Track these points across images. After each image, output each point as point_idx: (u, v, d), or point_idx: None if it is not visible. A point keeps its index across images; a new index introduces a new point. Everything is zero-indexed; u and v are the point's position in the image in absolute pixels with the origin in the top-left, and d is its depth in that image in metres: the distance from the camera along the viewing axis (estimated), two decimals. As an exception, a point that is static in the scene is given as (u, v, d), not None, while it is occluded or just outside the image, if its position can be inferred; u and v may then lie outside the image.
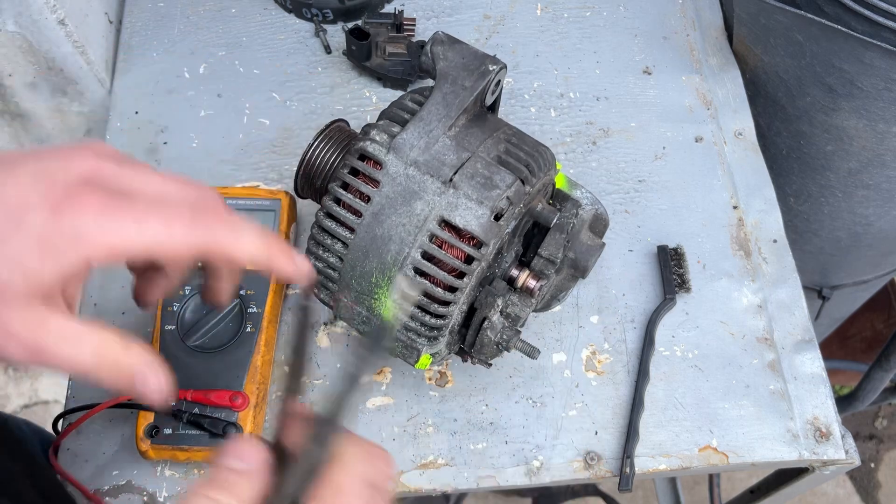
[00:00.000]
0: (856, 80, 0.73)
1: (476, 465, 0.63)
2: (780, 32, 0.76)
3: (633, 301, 0.70)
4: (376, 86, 0.81)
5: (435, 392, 0.66)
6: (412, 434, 0.64)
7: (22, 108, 0.82)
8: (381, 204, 0.51)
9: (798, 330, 0.69)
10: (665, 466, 0.63)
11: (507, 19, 0.87)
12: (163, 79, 0.81)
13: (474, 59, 0.55)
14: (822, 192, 0.90)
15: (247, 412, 0.59)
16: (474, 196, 0.50)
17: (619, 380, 0.67)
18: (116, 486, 0.61)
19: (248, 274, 0.63)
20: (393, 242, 0.51)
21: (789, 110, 0.83)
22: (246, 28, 0.85)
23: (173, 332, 0.61)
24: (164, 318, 0.62)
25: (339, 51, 0.83)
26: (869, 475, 1.63)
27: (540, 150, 0.55)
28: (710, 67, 0.84)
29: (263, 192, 0.68)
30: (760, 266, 0.72)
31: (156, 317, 0.62)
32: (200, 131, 0.78)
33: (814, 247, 1.00)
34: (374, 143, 0.52)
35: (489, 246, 0.51)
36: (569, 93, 0.82)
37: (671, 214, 0.75)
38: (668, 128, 0.80)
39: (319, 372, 0.66)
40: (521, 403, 0.65)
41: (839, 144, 0.82)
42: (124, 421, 0.63)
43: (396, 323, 0.52)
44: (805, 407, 0.66)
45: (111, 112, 0.79)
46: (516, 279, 0.56)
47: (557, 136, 0.79)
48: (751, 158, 0.78)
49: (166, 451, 0.58)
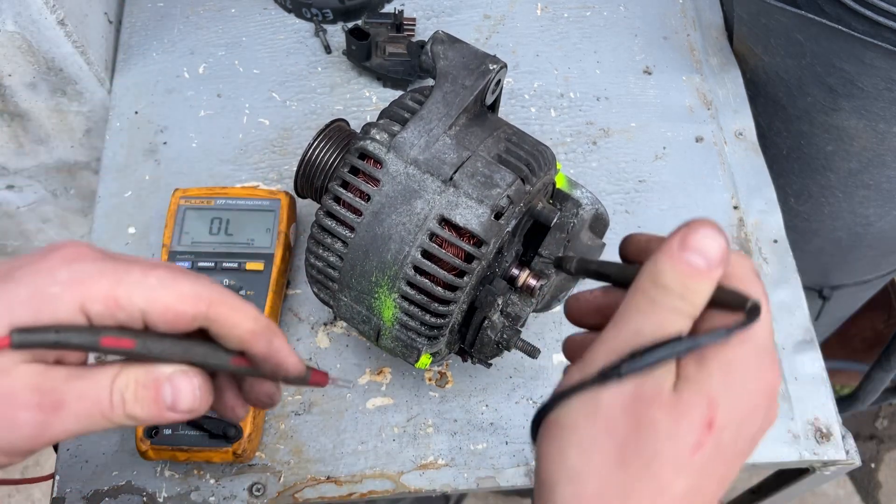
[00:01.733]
0: (856, 81, 0.73)
1: (476, 466, 0.63)
2: (780, 32, 0.76)
3: (633, 301, 0.70)
4: (376, 86, 0.81)
5: (435, 392, 0.66)
6: (412, 434, 0.64)
7: (21, 108, 0.82)
8: (382, 203, 0.51)
9: (798, 330, 0.69)
10: (665, 467, 0.63)
11: (507, 19, 0.87)
12: (162, 79, 0.81)
13: (474, 58, 0.55)
14: (823, 192, 0.90)
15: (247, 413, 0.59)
16: (474, 195, 0.50)
17: (619, 380, 0.66)
18: (116, 487, 0.61)
19: (246, 273, 0.63)
20: (393, 241, 0.51)
21: (790, 110, 0.83)
22: (246, 28, 0.85)
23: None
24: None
25: (339, 51, 0.83)
26: (869, 475, 1.62)
27: (540, 149, 0.55)
28: (711, 67, 0.84)
29: (263, 192, 0.67)
30: (761, 266, 0.72)
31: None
32: (200, 131, 0.78)
33: (814, 247, 1.00)
34: (374, 142, 0.52)
35: (489, 245, 0.51)
36: (569, 93, 0.82)
37: (671, 214, 0.74)
38: (668, 128, 0.79)
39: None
40: (521, 404, 0.65)
41: (840, 144, 0.82)
42: (124, 421, 0.63)
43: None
44: (806, 407, 0.66)
45: (111, 112, 0.79)
46: (517, 278, 0.56)
47: (557, 136, 0.79)
48: (751, 158, 0.78)
49: (166, 452, 0.58)
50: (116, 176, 0.75)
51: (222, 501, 0.60)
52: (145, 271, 0.34)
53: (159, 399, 0.34)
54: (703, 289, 0.31)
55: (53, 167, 0.92)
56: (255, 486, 0.61)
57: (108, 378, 0.34)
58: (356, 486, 0.62)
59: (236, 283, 0.63)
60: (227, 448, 0.58)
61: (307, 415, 0.64)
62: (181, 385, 0.35)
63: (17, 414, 0.31)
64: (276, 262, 0.64)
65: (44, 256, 0.34)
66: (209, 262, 0.64)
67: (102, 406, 0.33)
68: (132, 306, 0.33)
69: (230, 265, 0.64)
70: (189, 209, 0.66)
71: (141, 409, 0.34)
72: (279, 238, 0.65)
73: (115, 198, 0.74)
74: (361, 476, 0.62)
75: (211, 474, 0.61)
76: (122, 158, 0.76)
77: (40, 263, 0.33)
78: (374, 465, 0.62)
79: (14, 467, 1.71)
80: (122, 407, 0.34)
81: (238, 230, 0.65)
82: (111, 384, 0.34)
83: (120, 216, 0.73)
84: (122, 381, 0.34)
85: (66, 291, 0.32)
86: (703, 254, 0.31)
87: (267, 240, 0.65)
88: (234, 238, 0.65)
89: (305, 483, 0.61)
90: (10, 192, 0.95)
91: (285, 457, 0.62)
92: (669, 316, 0.31)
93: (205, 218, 0.66)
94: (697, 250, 0.31)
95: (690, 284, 0.31)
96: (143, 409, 0.34)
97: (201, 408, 0.36)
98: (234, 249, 0.64)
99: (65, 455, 0.62)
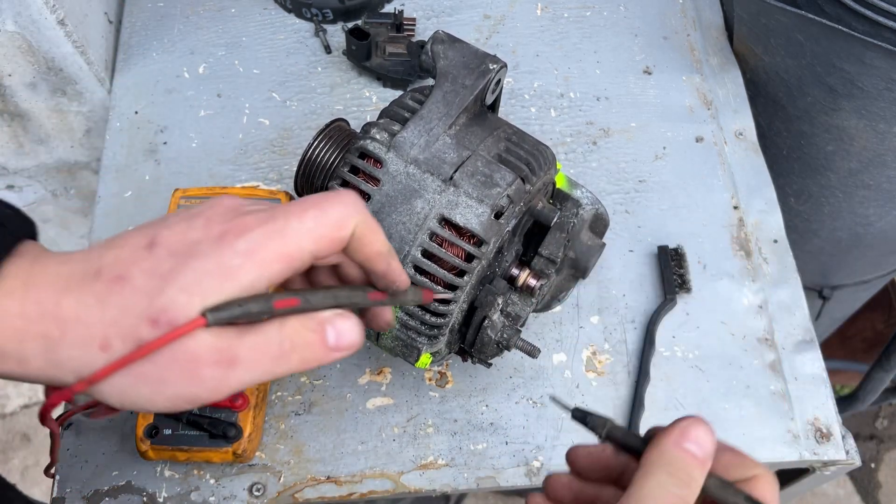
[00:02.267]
0: (856, 80, 0.73)
1: (476, 466, 0.63)
2: (780, 32, 0.76)
3: (633, 301, 0.70)
4: (376, 86, 0.81)
5: (435, 392, 0.66)
6: (412, 434, 0.64)
7: (21, 108, 0.82)
8: (382, 202, 0.51)
9: (799, 330, 0.69)
10: (666, 467, 0.63)
11: (507, 19, 0.87)
12: (162, 79, 0.81)
13: (475, 57, 0.55)
14: (823, 192, 0.90)
15: (247, 413, 0.59)
16: (475, 194, 0.50)
17: (619, 380, 0.66)
18: (116, 487, 0.61)
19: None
20: (393, 241, 0.51)
21: (790, 110, 0.83)
22: (246, 28, 0.85)
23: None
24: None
25: (339, 51, 0.83)
26: (869, 475, 1.62)
27: (540, 148, 0.55)
28: (711, 67, 0.84)
29: (263, 192, 0.67)
30: (761, 266, 0.72)
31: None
32: (200, 131, 0.78)
33: (814, 247, 1.00)
34: (374, 142, 0.52)
35: (489, 244, 0.51)
36: (569, 93, 0.82)
37: (671, 214, 0.74)
38: (668, 128, 0.79)
39: (319, 372, 0.66)
40: (521, 404, 0.65)
41: (840, 144, 0.82)
42: (124, 421, 0.63)
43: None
44: (806, 407, 0.66)
45: (111, 112, 0.79)
46: (517, 278, 0.56)
47: (557, 136, 0.79)
48: (751, 158, 0.78)
49: (166, 452, 0.58)
50: (116, 176, 0.75)
51: (222, 501, 0.60)
52: (300, 217, 0.37)
53: (324, 340, 0.37)
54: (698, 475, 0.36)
55: (53, 167, 0.92)
56: (255, 486, 0.61)
57: (275, 329, 0.36)
58: (356, 486, 0.62)
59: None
60: (227, 448, 0.58)
61: (307, 415, 0.64)
62: (341, 325, 0.38)
63: (201, 371, 0.35)
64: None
65: (215, 230, 0.36)
66: (209, 261, 0.64)
67: (273, 355, 0.36)
68: (302, 253, 0.36)
69: (230, 265, 0.63)
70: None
71: (310, 352, 0.37)
72: (279, 238, 0.65)
73: (115, 198, 0.74)
74: (361, 476, 0.62)
75: (211, 474, 0.61)
76: (122, 158, 0.76)
77: (215, 235, 0.36)
78: (374, 465, 0.62)
79: (13, 468, 1.69)
80: (291, 353, 0.37)
81: (238, 230, 0.65)
82: (279, 334, 0.36)
83: (120, 216, 0.73)
84: (289, 330, 0.37)
85: (247, 261, 0.35)
86: (699, 445, 0.36)
87: (267, 240, 0.65)
88: (234, 238, 0.65)
89: (305, 483, 0.61)
90: (10, 192, 0.95)
91: (285, 457, 0.62)
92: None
93: (205, 218, 0.65)
94: (694, 441, 0.36)
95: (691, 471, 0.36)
96: (311, 351, 0.37)
97: (359, 343, 0.39)
98: (234, 249, 0.64)
99: (65, 455, 0.62)
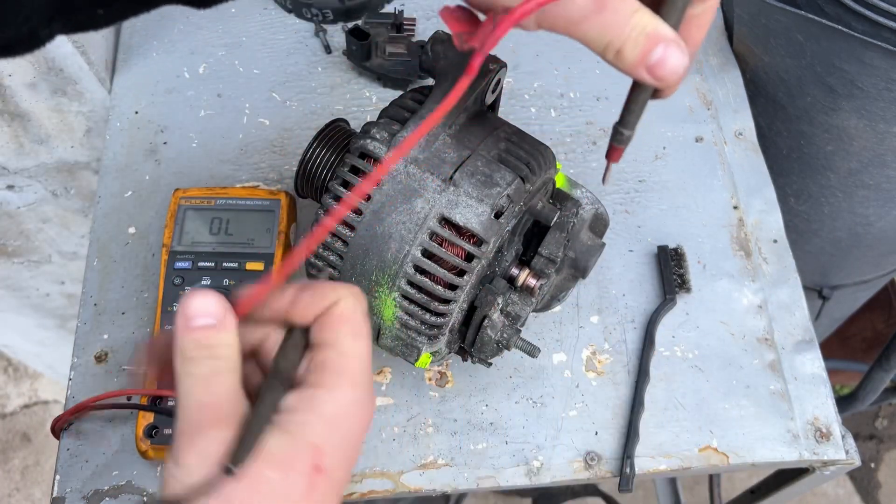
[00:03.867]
0: (856, 80, 0.73)
1: (476, 466, 0.63)
2: (780, 32, 0.76)
3: (633, 301, 0.70)
4: (376, 86, 0.81)
5: (435, 392, 0.66)
6: (412, 434, 0.64)
7: (22, 108, 0.82)
8: (382, 202, 0.51)
9: (798, 330, 0.69)
10: (665, 467, 0.63)
11: (507, 19, 0.86)
12: (162, 79, 0.81)
13: (474, 58, 0.55)
14: (823, 192, 0.90)
15: (246, 412, 0.59)
16: (475, 194, 0.50)
17: (619, 380, 0.66)
18: (116, 486, 0.61)
19: (246, 273, 0.63)
20: (393, 240, 0.51)
21: (790, 110, 0.83)
22: (246, 28, 0.85)
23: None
24: (164, 318, 0.62)
25: (339, 51, 0.83)
26: (869, 475, 1.62)
27: (540, 148, 0.55)
28: (711, 67, 0.84)
29: (263, 193, 0.67)
30: (761, 266, 0.72)
31: (155, 317, 0.62)
32: (200, 131, 0.78)
33: (814, 247, 1.00)
34: (374, 141, 0.52)
35: (489, 244, 0.51)
36: (569, 93, 0.82)
37: (671, 214, 0.74)
38: (668, 128, 0.79)
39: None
40: (521, 404, 0.65)
41: (839, 144, 0.82)
42: (124, 421, 0.63)
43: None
44: (805, 407, 0.66)
45: (111, 112, 0.79)
46: (516, 278, 0.56)
47: (557, 136, 0.79)
48: (751, 158, 0.78)
49: (166, 452, 0.58)
50: (117, 176, 0.75)
51: (222, 501, 0.60)
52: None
53: (648, 54, 0.35)
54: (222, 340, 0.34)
55: (53, 167, 0.92)
56: (255, 485, 0.61)
57: (629, 11, 0.35)
58: (356, 486, 0.62)
59: (236, 284, 0.63)
60: (227, 448, 0.58)
61: (307, 414, 0.64)
62: (670, 54, 0.35)
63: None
64: (277, 262, 0.64)
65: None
66: (209, 262, 0.64)
67: (615, 34, 0.35)
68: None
69: (230, 265, 0.64)
70: (189, 209, 0.66)
71: (630, 51, 0.35)
72: (279, 238, 0.65)
73: (116, 198, 0.74)
74: (361, 476, 0.62)
75: (211, 474, 0.61)
76: (123, 158, 0.76)
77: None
78: (374, 465, 0.62)
79: (14, 468, 1.69)
80: (620, 43, 0.35)
81: (238, 230, 0.65)
82: (629, 19, 0.35)
83: (120, 216, 0.73)
84: (638, 20, 0.35)
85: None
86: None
87: (267, 240, 0.65)
88: (235, 238, 0.65)
89: (305, 483, 0.61)
90: (10, 192, 0.95)
91: (285, 456, 0.62)
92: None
93: (205, 218, 0.66)
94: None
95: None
96: (631, 51, 0.35)
97: (680, 77, 0.36)
98: (235, 249, 0.64)
99: (65, 455, 0.62)
